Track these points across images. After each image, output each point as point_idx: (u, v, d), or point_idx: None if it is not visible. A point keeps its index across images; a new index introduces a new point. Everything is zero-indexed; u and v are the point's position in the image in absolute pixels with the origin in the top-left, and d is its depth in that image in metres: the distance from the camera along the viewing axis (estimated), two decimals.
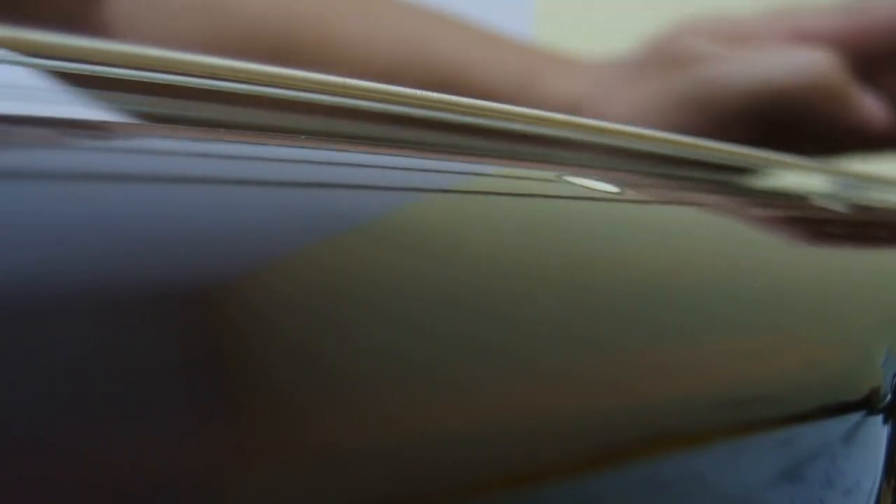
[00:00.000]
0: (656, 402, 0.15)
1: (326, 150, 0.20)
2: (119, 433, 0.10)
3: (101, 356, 0.10)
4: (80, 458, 0.09)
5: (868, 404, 0.18)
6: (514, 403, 0.13)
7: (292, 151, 0.19)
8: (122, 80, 0.17)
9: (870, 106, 0.48)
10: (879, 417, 0.18)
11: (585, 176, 0.24)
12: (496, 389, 0.13)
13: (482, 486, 0.12)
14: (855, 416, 0.18)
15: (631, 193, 0.24)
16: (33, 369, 0.10)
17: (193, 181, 0.15)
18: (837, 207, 0.33)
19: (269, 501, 0.10)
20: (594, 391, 0.14)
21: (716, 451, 0.15)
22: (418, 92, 0.20)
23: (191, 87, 0.18)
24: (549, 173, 0.24)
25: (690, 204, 0.25)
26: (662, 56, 0.48)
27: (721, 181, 0.32)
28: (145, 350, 0.11)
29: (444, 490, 0.12)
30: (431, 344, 0.13)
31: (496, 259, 0.16)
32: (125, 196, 0.14)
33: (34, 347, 0.10)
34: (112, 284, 0.11)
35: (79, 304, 0.11)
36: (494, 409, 0.13)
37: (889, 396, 0.18)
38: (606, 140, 0.26)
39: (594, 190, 0.23)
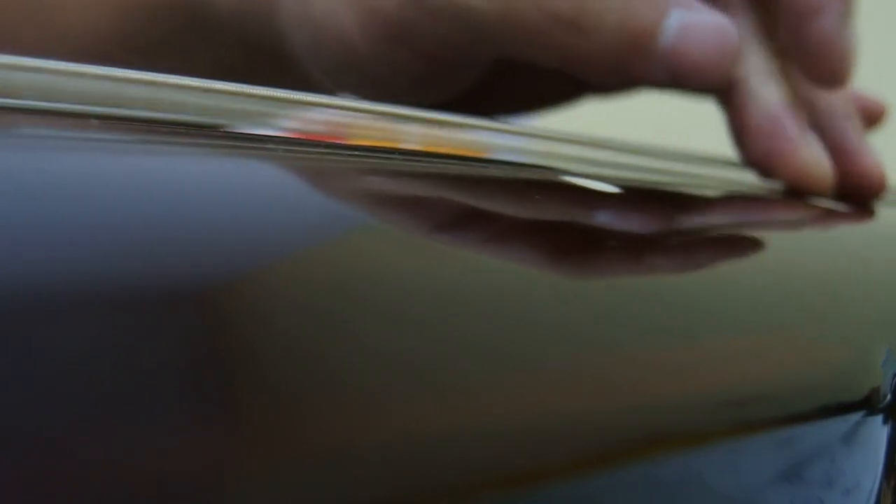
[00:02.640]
0: (656, 402, 0.15)
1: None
2: (117, 433, 0.10)
3: (98, 355, 0.10)
4: (78, 457, 0.09)
5: (868, 404, 0.18)
6: (514, 403, 0.13)
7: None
8: None
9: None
10: (879, 417, 0.18)
11: (576, 175, 0.24)
12: (495, 389, 0.13)
13: (482, 486, 0.12)
14: (855, 416, 0.18)
15: (630, 193, 0.24)
16: (31, 369, 0.10)
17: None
18: (837, 207, 0.33)
19: (269, 501, 0.10)
20: (594, 391, 0.14)
21: (716, 451, 0.15)
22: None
23: None
24: (547, 172, 0.24)
25: (689, 204, 0.25)
26: None
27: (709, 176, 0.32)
28: (143, 350, 0.11)
29: (444, 490, 0.12)
30: (431, 343, 0.13)
31: (495, 258, 0.16)
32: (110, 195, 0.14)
33: (30, 346, 0.10)
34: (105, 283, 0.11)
35: (74, 302, 0.11)
36: (494, 409, 0.13)
37: (889, 396, 0.18)
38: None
39: (595, 190, 0.23)
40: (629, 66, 0.30)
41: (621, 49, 0.29)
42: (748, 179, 0.32)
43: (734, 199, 0.29)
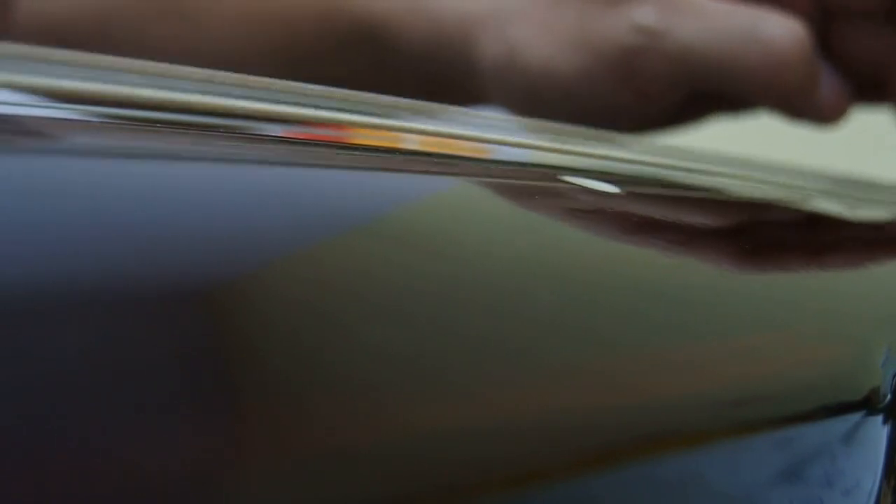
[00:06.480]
0: (656, 401, 0.15)
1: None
2: (117, 433, 0.10)
3: (99, 355, 0.10)
4: (78, 457, 0.09)
5: (868, 404, 0.18)
6: (514, 403, 0.13)
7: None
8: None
9: (829, 93, 0.36)
10: (879, 417, 0.18)
11: (584, 176, 0.24)
12: (495, 389, 0.13)
13: (482, 486, 0.12)
14: (855, 416, 0.18)
15: (631, 193, 0.24)
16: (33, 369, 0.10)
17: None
18: (837, 208, 0.32)
19: (270, 501, 0.10)
20: (594, 390, 0.14)
21: (716, 451, 0.15)
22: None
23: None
24: (548, 172, 0.24)
25: (687, 203, 0.25)
26: None
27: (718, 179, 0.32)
28: (144, 349, 0.11)
29: (444, 490, 0.12)
30: (431, 343, 0.13)
31: (496, 258, 0.16)
32: (116, 194, 0.14)
33: (33, 346, 0.10)
34: (109, 283, 0.11)
35: (77, 302, 0.11)
36: (494, 409, 0.13)
37: (889, 396, 0.18)
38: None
39: (594, 190, 0.23)
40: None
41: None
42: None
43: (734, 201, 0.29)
